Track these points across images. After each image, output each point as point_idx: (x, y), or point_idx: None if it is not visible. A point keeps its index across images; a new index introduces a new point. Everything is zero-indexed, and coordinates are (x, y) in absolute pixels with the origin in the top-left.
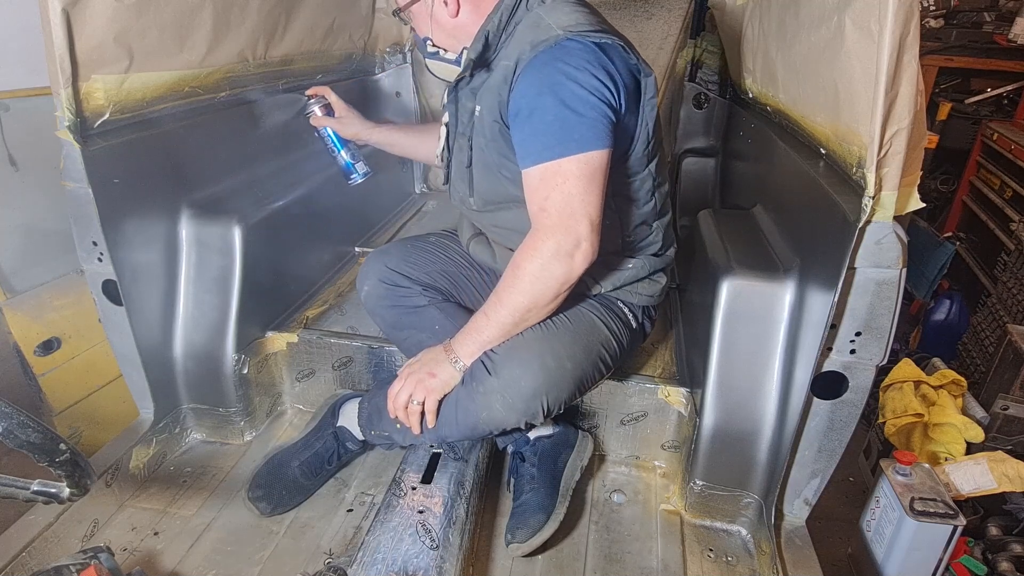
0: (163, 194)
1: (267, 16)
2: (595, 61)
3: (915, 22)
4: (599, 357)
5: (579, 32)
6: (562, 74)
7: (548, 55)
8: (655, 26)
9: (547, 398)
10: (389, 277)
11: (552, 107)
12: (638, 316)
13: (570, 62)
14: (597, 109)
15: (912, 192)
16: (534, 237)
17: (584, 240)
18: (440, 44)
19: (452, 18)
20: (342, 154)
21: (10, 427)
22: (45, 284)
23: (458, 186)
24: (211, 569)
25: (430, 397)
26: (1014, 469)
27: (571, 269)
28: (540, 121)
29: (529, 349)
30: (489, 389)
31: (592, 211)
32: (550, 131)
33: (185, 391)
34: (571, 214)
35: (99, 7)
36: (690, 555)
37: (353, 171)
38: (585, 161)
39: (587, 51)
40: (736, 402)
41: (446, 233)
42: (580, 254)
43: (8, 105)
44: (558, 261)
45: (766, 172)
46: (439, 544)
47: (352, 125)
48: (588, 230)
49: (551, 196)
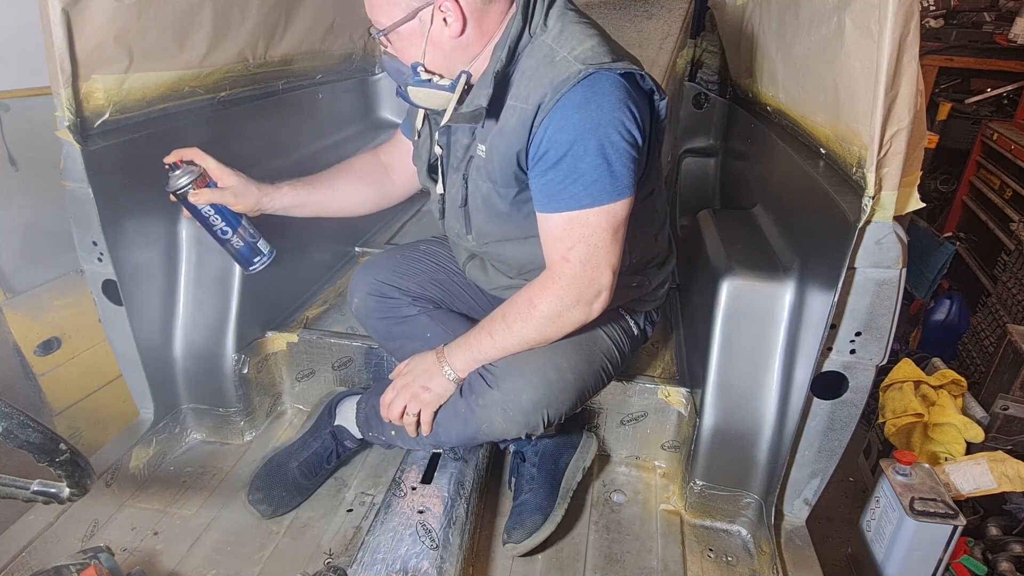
0: (163, 194)
1: (267, 16)
2: (625, 99)
3: (915, 22)
4: (601, 367)
5: (598, 63)
6: (595, 117)
7: (578, 96)
8: (655, 26)
9: (548, 411)
10: (378, 289)
11: (586, 156)
12: (640, 323)
13: (603, 104)
14: (628, 156)
15: (912, 192)
16: (555, 283)
17: (605, 290)
18: (435, 69)
19: (454, 38)
20: (236, 236)
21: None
22: (45, 284)
23: (453, 224)
24: (211, 569)
25: (425, 410)
26: (1014, 469)
27: (588, 315)
28: (572, 170)
29: (530, 362)
30: (489, 402)
31: (615, 261)
32: (582, 181)
33: (185, 391)
34: (596, 265)
35: (99, 7)
36: (690, 555)
37: (256, 253)
38: (613, 213)
39: (616, 88)
40: (736, 402)
41: (436, 240)
42: (599, 302)
43: (8, 105)
44: (577, 309)
45: (766, 172)
46: (439, 544)
47: (247, 195)
48: (610, 280)
49: (576, 248)
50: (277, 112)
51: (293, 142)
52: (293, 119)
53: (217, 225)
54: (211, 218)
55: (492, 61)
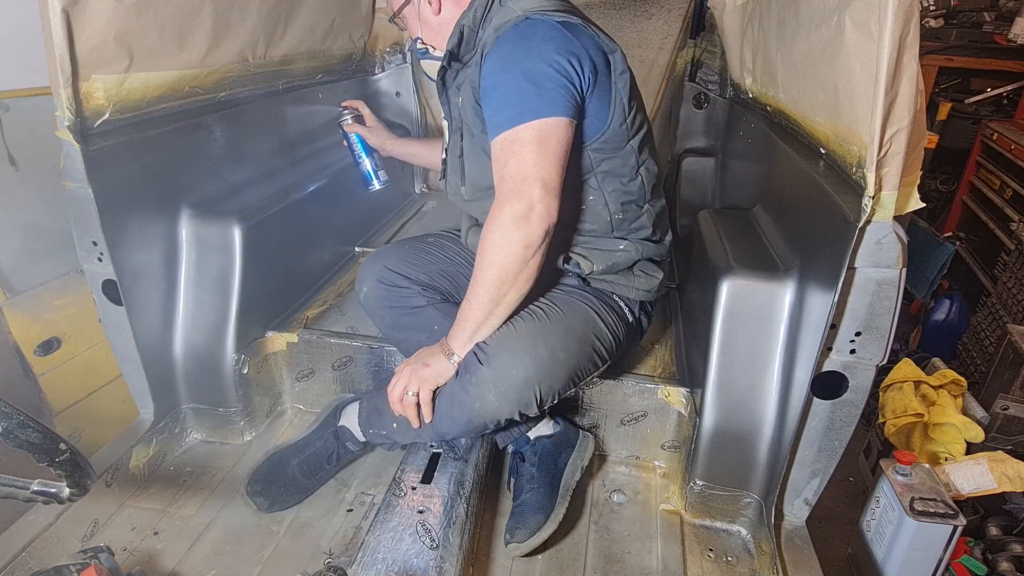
0: (163, 194)
1: (267, 16)
2: (557, 37)
3: (915, 22)
4: (593, 348)
5: (540, 12)
6: (523, 50)
7: (511, 34)
8: (655, 26)
9: (539, 387)
10: (388, 278)
11: (513, 80)
12: (634, 310)
13: (532, 39)
14: (555, 81)
15: (912, 192)
16: (494, 207)
17: (538, 203)
18: (429, 42)
19: (436, 16)
20: (366, 161)
21: (10, 427)
22: (45, 284)
23: (452, 178)
24: (211, 569)
25: (424, 387)
26: (1014, 469)
27: (529, 233)
28: (503, 95)
29: (520, 338)
30: (481, 379)
31: (546, 174)
32: (510, 103)
33: (185, 391)
34: (524, 179)
35: (99, 7)
36: (690, 555)
37: (374, 179)
38: (538, 128)
39: (549, 28)
40: (736, 402)
41: (445, 234)
42: (535, 216)
43: (8, 105)
44: (515, 226)
45: (766, 172)
46: (439, 544)
47: (379, 136)
48: (541, 192)
49: (508, 164)
50: (277, 112)
51: (293, 142)
52: (293, 119)
53: (356, 151)
54: (353, 145)
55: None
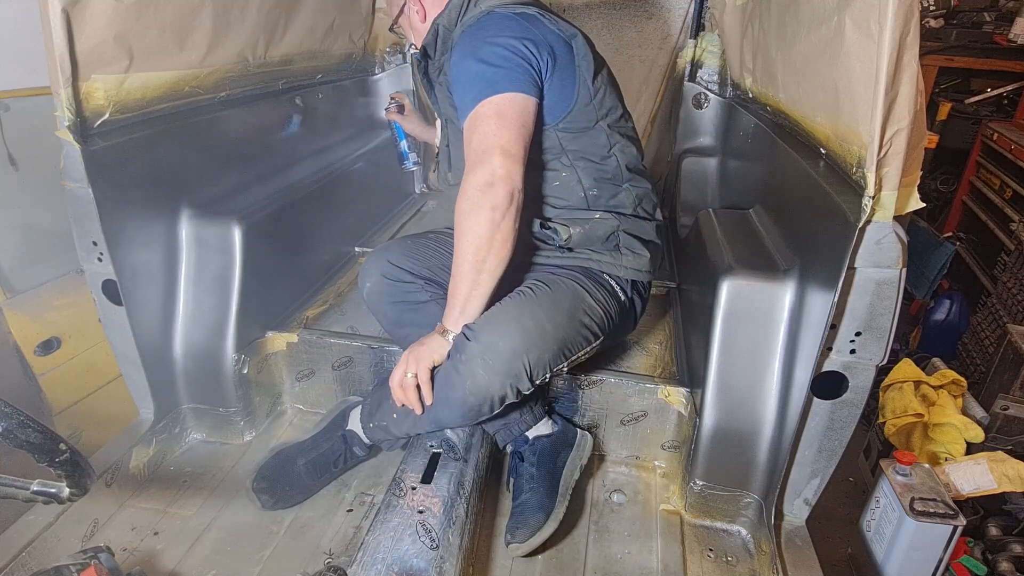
0: (163, 194)
1: (267, 16)
2: (512, 26)
3: (915, 22)
4: (582, 323)
5: (501, 6)
6: (480, 40)
7: (473, 27)
8: (655, 26)
9: (527, 357)
10: (392, 272)
11: (473, 66)
12: (626, 289)
13: (489, 28)
14: (511, 61)
15: (912, 192)
16: (463, 180)
17: (499, 167)
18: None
19: (422, 22)
20: (403, 143)
21: (10, 427)
22: (45, 284)
23: (443, 167)
24: (211, 569)
25: (421, 365)
26: (1014, 469)
27: (494, 197)
28: (466, 81)
29: (505, 312)
30: (470, 355)
31: (504, 142)
32: (473, 87)
33: (185, 391)
34: (485, 149)
35: (99, 7)
36: (690, 555)
37: (407, 159)
38: (496, 102)
39: (504, 19)
40: (736, 402)
41: (447, 230)
42: (498, 180)
43: (8, 105)
44: (481, 193)
45: (766, 172)
46: (439, 544)
47: (413, 123)
48: (501, 158)
49: (471, 140)
50: (277, 112)
51: (293, 142)
52: (293, 119)
53: (394, 135)
54: (394, 129)
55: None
